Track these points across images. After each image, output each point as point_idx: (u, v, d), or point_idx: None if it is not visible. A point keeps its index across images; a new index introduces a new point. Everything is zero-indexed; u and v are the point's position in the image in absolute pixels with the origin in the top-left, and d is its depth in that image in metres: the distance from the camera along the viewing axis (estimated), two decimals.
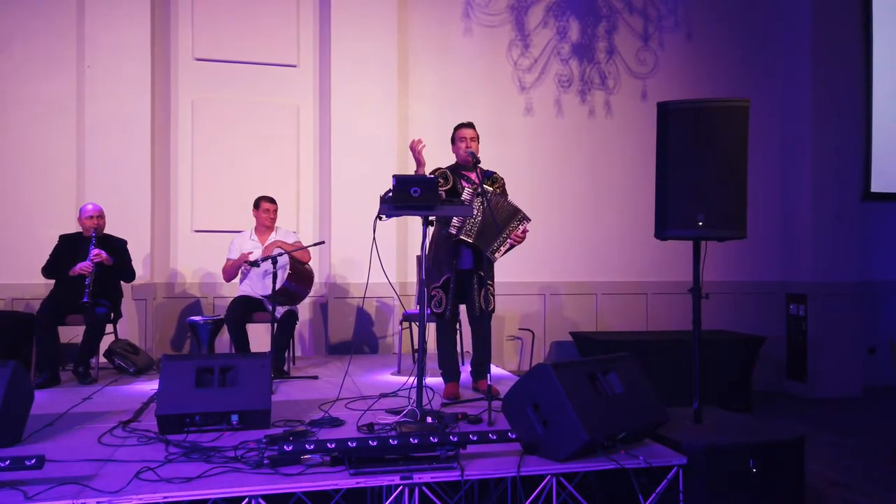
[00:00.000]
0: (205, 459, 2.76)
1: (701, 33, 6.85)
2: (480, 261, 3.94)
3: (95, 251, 4.65)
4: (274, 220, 5.12)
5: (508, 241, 3.95)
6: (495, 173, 4.17)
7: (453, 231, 3.82)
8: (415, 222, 5.74)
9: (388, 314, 6.06)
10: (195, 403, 3.18)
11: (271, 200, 5.11)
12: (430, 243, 4.05)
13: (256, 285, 4.82)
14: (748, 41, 6.92)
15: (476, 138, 4.07)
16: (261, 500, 2.48)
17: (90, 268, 4.62)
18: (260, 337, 5.05)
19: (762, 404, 6.06)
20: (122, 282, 4.97)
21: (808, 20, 6.65)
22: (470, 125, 4.10)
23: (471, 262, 4.00)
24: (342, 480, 2.58)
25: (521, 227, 3.96)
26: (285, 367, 4.87)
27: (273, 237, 5.07)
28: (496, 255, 3.95)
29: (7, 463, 2.41)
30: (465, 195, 3.90)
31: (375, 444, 2.66)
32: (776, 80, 6.94)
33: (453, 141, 4.12)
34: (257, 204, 5.10)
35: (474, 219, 3.81)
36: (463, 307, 4.13)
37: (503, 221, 3.90)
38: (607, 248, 6.58)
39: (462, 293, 4.05)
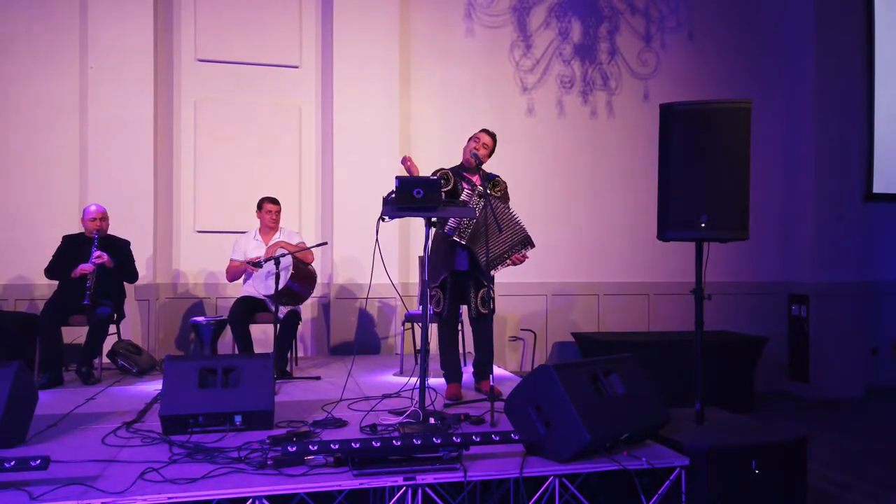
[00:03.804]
0: (208, 460, 2.77)
1: (703, 34, 6.85)
2: (477, 263, 3.94)
3: (97, 253, 4.66)
4: (276, 220, 5.14)
5: (508, 262, 3.97)
6: (498, 177, 4.17)
7: (448, 231, 3.83)
8: (417, 223, 5.75)
9: (390, 315, 6.06)
10: (198, 404, 3.19)
11: (274, 201, 5.12)
12: (432, 243, 4.05)
13: (259, 285, 4.83)
14: (750, 42, 6.93)
15: (489, 148, 4.09)
16: (264, 501, 2.49)
17: (91, 269, 4.63)
18: (262, 337, 5.05)
19: (764, 405, 6.06)
20: (124, 282, 4.98)
21: (811, 21, 6.66)
22: (492, 135, 4.12)
23: (467, 263, 3.99)
24: (345, 481, 2.58)
25: (524, 251, 3.99)
26: (288, 368, 4.88)
27: (277, 237, 5.08)
28: (493, 272, 3.97)
29: (12, 464, 2.42)
30: (464, 197, 3.91)
31: (378, 444, 2.67)
32: (778, 80, 6.94)
33: (469, 138, 4.12)
34: (260, 205, 5.12)
35: (469, 221, 3.81)
36: (464, 308, 4.14)
37: (505, 237, 3.90)
38: (609, 248, 6.58)
39: (461, 294, 4.05)
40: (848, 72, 6.72)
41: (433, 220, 3.55)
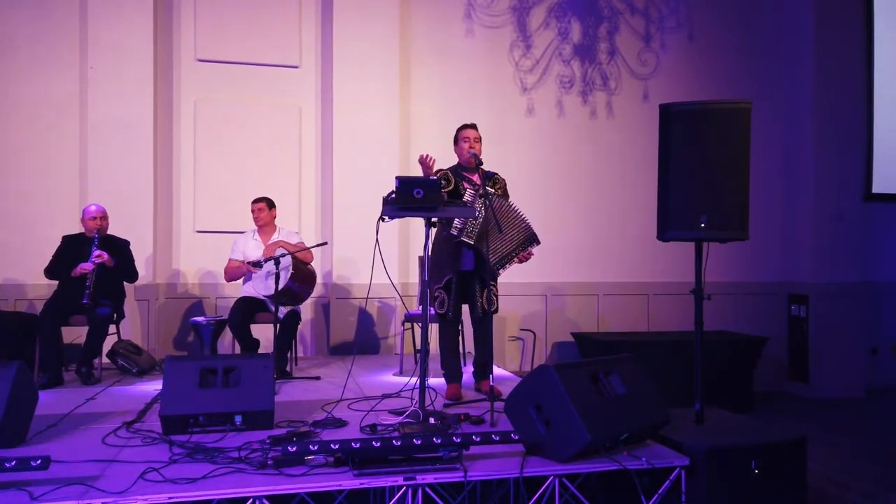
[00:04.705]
0: (209, 460, 2.77)
1: (702, 34, 6.85)
2: (482, 262, 3.94)
3: (97, 252, 4.66)
4: (262, 219, 5.10)
5: (515, 260, 3.96)
6: (496, 174, 4.18)
7: (454, 233, 3.84)
8: (417, 223, 5.75)
9: (389, 315, 6.07)
10: (199, 404, 3.19)
11: (258, 200, 5.12)
12: (433, 244, 4.06)
13: (259, 286, 4.83)
14: (750, 42, 6.93)
15: (479, 139, 4.09)
16: (264, 501, 2.49)
17: (91, 268, 4.63)
18: (262, 337, 5.06)
19: (764, 405, 6.06)
20: (124, 282, 4.98)
21: (811, 21, 6.66)
22: (473, 126, 4.12)
23: (472, 263, 4.00)
24: (346, 481, 2.59)
25: (530, 248, 3.98)
26: (288, 368, 4.88)
27: (276, 237, 5.08)
28: (501, 270, 3.96)
29: (13, 464, 2.43)
30: (467, 196, 3.91)
31: (379, 444, 2.68)
32: (778, 80, 6.95)
33: (456, 141, 4.13)
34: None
35: (476, 221, 3.81)
36: (466, 307, 4.14)
37: (512, 235, 3.88)
38: (609, 248, 6.58)
39: (465, 294, 4.06)
40: (848, 72, 6.72)
41: (433, 220, 3.55)
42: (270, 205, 5.15)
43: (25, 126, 5.55)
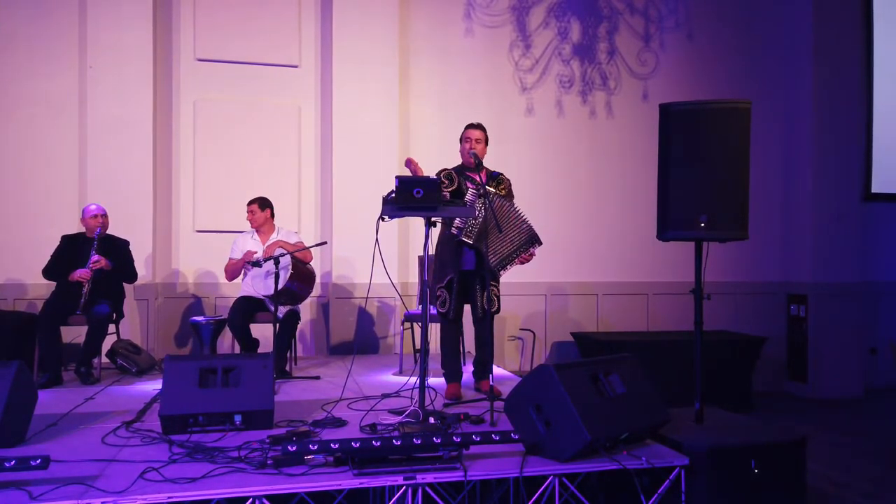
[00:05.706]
0: (208, 460, 2.77)
1: (702, 34, 6.85)
2: (483, 262, 3.94)
3: (95, 257, 4.64)
4: (256, 220, 5.07)
5: (517, 261, 3.95)
6: (501, 174, 4.18)
7: (455, 232, 3.84)
8: (417, 223, 5.76)
9: (389, 314, 6.07)
10: (198, 404, 3.19)
11: (252, 202, 5.09)
12: (437, 243, 4.07)
13: (259, 285, 4.83)
14: (749, 42, 6.93)
15: (482, 140, 4.08)
16: (264, 501, 2.49)
17: (88, 275, 4.61)
18: (261, 337, 5.06)
19: (763, 405, 6.07)
20: (124, 282, 4.98)
21: (810, 21, 6.67)
22: (478, 126, 4.11)
23: (473, 263, 4.00)
24: (345, 481, 2.59)
25: (532, 249, 3.97)
26: (287, 368, 4.88)
27: (275, 237, 5.08)
28: (502, 271, 3.96)
29: (12, 463, 2.42)
30: (469, 196, 3.91)
31: (378, 444, 2.68)
32: (777, 80, 6.95)
33: (461, 140, 4.12)
34: None
35: (475, 220, 3.81)
36: (467, 307, 4.13)
37: (513, 237, 3.89)
38: (608, 248, 6.59)
39: (466, 294, 4.06)
40: (847, 72, 6.72)
41: (434, 220, 3.55)
42: (263, 205, 5.11)
43: (25, 125, 5.54)
